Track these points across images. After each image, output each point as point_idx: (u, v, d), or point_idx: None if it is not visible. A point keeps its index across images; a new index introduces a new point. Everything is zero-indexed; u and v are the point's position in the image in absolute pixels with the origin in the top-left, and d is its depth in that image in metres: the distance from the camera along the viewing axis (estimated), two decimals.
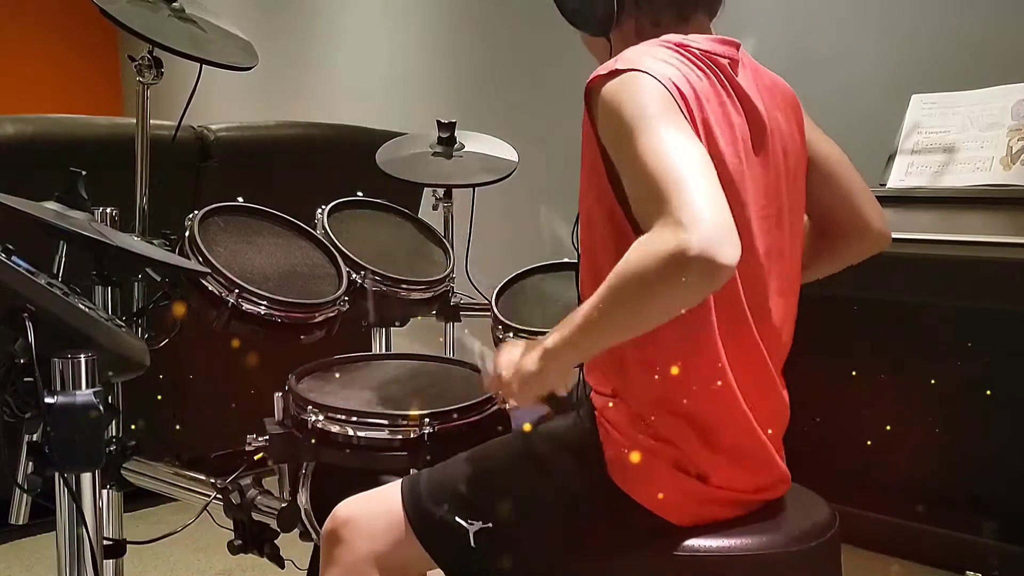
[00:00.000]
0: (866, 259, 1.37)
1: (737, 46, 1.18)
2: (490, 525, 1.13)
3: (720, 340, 1.10)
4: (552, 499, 1.14)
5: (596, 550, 1.12)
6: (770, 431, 1.17)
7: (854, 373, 2.22)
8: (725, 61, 1.14)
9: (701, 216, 0.90)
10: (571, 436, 1.18)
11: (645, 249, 0.92)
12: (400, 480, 1.22)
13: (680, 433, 1.11)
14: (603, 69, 1.07)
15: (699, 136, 1.03)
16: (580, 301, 1.13)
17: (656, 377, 1.10)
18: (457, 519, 1.14)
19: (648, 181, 0.95)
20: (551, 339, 1.05)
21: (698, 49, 1.12)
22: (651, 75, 1.04)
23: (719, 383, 1.10)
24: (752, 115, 1.14)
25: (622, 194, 1.06)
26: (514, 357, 1.11)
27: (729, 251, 0.90)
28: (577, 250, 1.21)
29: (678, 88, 1.04)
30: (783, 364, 1.22)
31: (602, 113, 1.05)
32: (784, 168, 1.18)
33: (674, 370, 1.09)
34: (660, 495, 1.11)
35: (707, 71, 1.11)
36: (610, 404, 1.15)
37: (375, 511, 1.19)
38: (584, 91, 1.09)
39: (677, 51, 1.11)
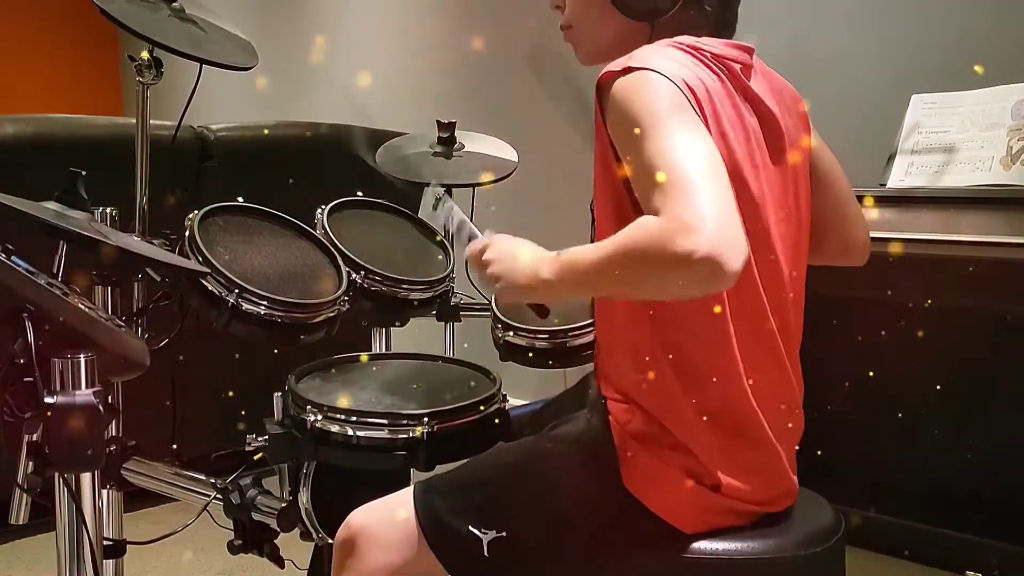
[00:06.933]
0: (866, 259, 1.37)
1: (751, 52, 1.17)
2: (504, 534, 1.11)
3: (737, 343, 1.09)
4: (566, 506, 1.12)
5: (609, 557, 1.11)
6: (784, 441, 1.16)
7: (855, 373, 2.22)
8: (737, 66, 1.13)
9: (709, 219, 0.89)
10: (584, 442, 1.17)
11: (653, 238, 0.91)
12: (412, 487, 1.20)
13: (695, 440, 1.10)
14: (616, 66, 1.06)
15: (712, 135, 1.02)
16: None
17: (673, 382, 1.10)
18: (470, 528, 1.12)
19: (657, 181, 0.94)
20: (549, 268, 1.04)
21: (710, 52, 1.11)
22: (663, 75, 1.03)
23: (735, 387, 1.10)
24: (766, 118, 1.14)
25: (631, 187, 1.05)
26: (507, 249, 1.11)
27: (736, 257, 0.89)
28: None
29: (690, 88, 1.04)
30: (799, 362, 1.21)
31: (612, 110, 1.05)
32: (793, 172, 1.18)
33: (691, 374, 1.09)
34: (672, 503, 1.10)
35: (719, 74, 1.10)
36: (625, 410, 1.15)
37: (389, 520, 1.17)
38: (596, 86, 1.08)
39: (690, 53, 1.10)
